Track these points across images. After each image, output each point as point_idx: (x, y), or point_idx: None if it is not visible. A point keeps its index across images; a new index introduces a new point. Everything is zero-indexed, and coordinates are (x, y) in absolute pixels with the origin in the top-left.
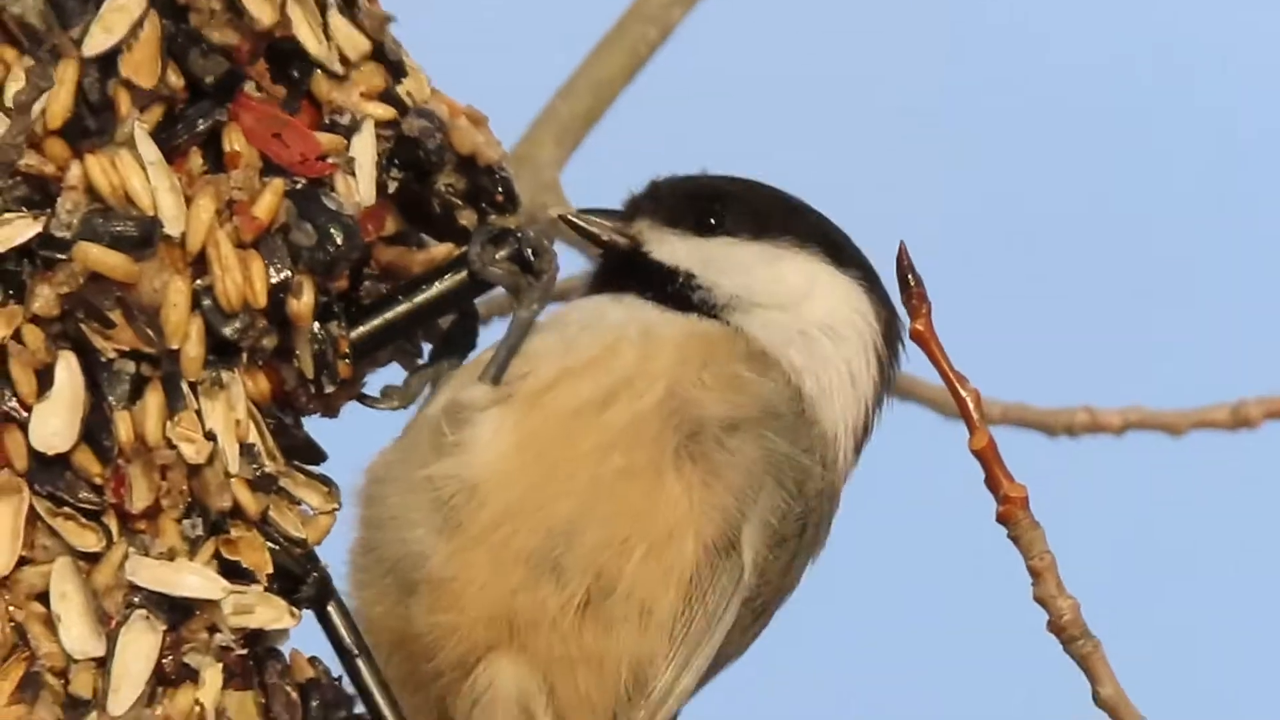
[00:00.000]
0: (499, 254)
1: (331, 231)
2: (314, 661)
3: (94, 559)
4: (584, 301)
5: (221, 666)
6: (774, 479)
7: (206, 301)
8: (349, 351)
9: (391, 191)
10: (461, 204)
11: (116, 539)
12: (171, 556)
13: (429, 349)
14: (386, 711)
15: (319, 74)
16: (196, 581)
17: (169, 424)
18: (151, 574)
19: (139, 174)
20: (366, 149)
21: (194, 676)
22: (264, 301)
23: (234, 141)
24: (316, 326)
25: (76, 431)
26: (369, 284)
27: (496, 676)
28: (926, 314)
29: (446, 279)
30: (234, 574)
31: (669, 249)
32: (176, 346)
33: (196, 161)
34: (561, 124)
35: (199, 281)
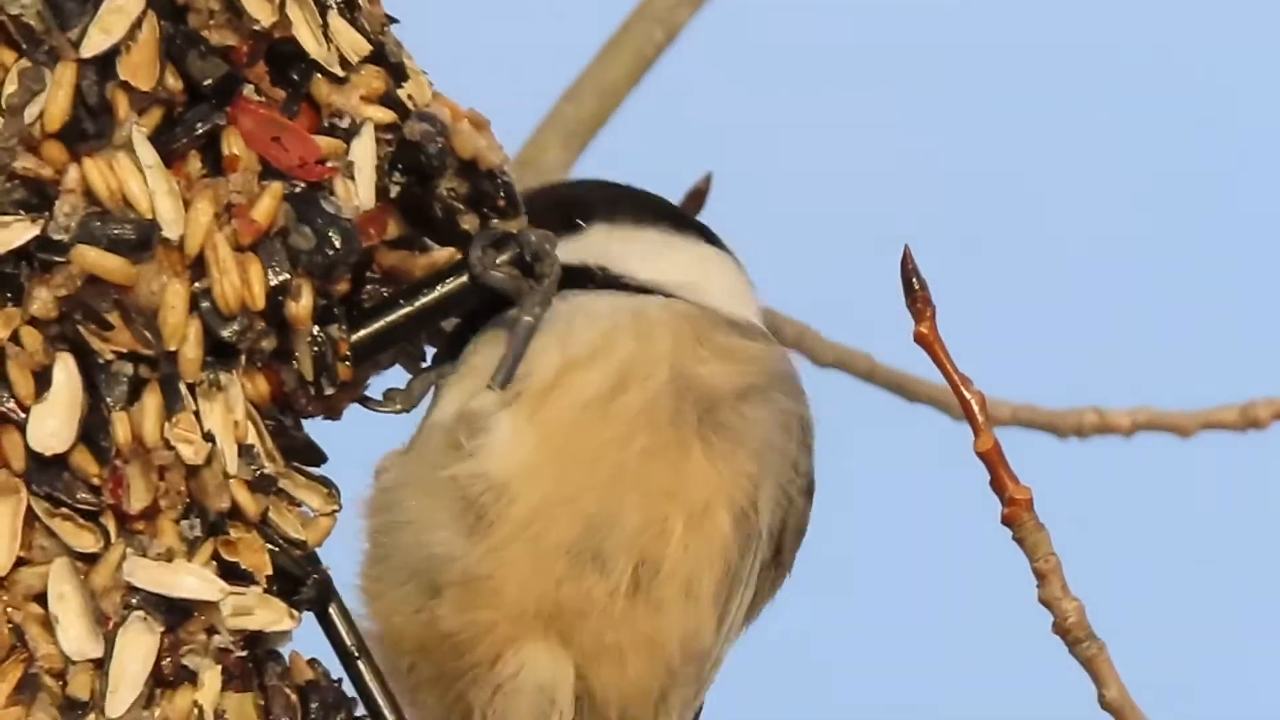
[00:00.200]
0: (500, 258)
1: (330, 235)
2: (314, 663)
3: (92, 560)
4: (558, 303)
5: (220, 668)
6: (787, 438)
7: (205, 304)
8: (349, 354)
9: (393, 196)
10: (463, 208)
11: (114, 540)
12: (170, 557)
13: (432, 352)
14: (387, 713)
15: (319, 77)
16: (194, 583)
17: (167, 425)
18: (149, 575)
19: (137, 177)
20: (366, 153)
21: (192, 678)
22: (262, 304)
23: (233, 145)
24: (316, 329)
25: (74, 432)
26: (371, 287)
27: (526, 663)
28: (931, 317)
29: (448, 283)
30: (233, 575)
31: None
32: (174, 348)
33: (195, 165)
34: (567, 127)
35: (197, 284)
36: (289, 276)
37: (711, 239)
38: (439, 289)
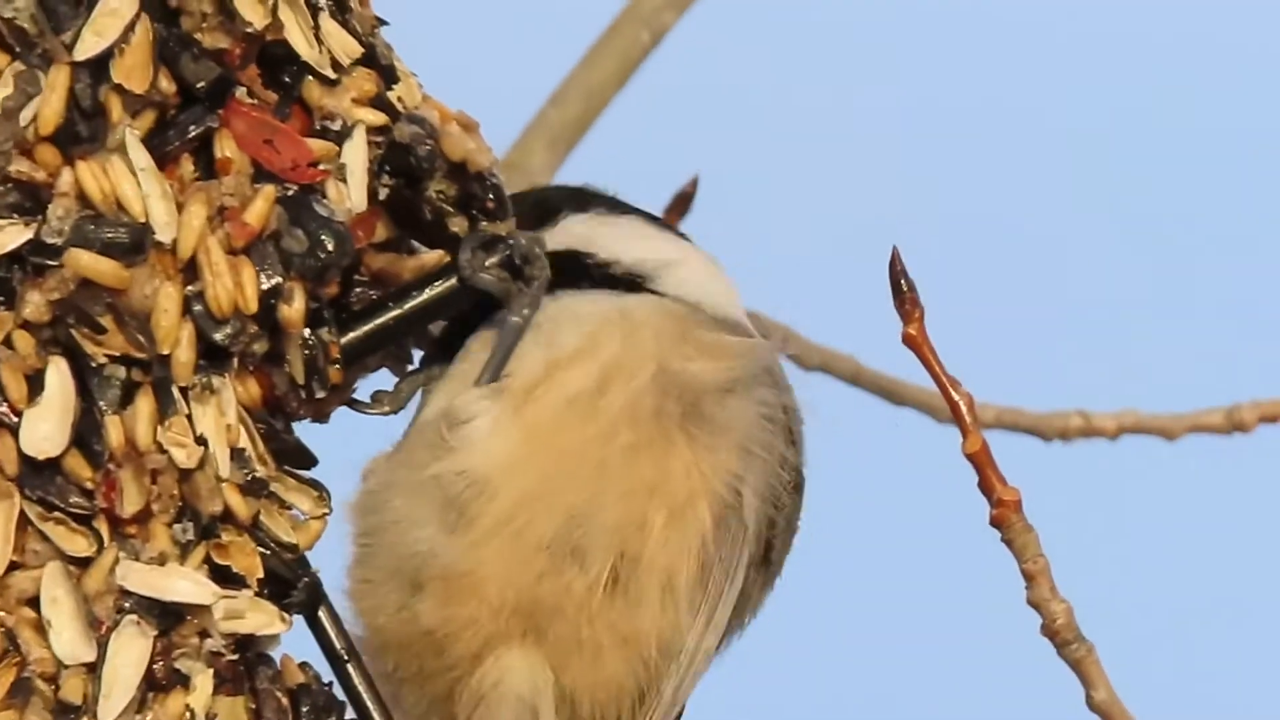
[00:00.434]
0: (489, 261)
1: (322, 238)
2: (305, 667)
3: (85, 564)
4: (547, 304)
5: (212, 672)
6: (773, 433)
7: (197, 307)
8: (339, 357)
9: (382, 198)
10: (452, 211)
11: (107, 544)
12: (162, 561)
13: (420, 355)
14: (377, 717)
15: (311, 79)
16: (187, 586)
17: (160, 429)
18: (142, 579)
19: (130, 180)
20: (358, 155)
21: (185, 682)
22: (255, 307)
23: (225, 148)
24: (307, 332)
25: (67, 436)
26: (360, 290)
27: (505, 673)
28: (919, 319)
29: (437, 285)
30: (225, 579)
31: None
32: (167, 352)
33: (188, 168)
34: (553, 130)
35: (190, 287)
36: (281, 280)
37: (687, 237)
38: (428, 291)
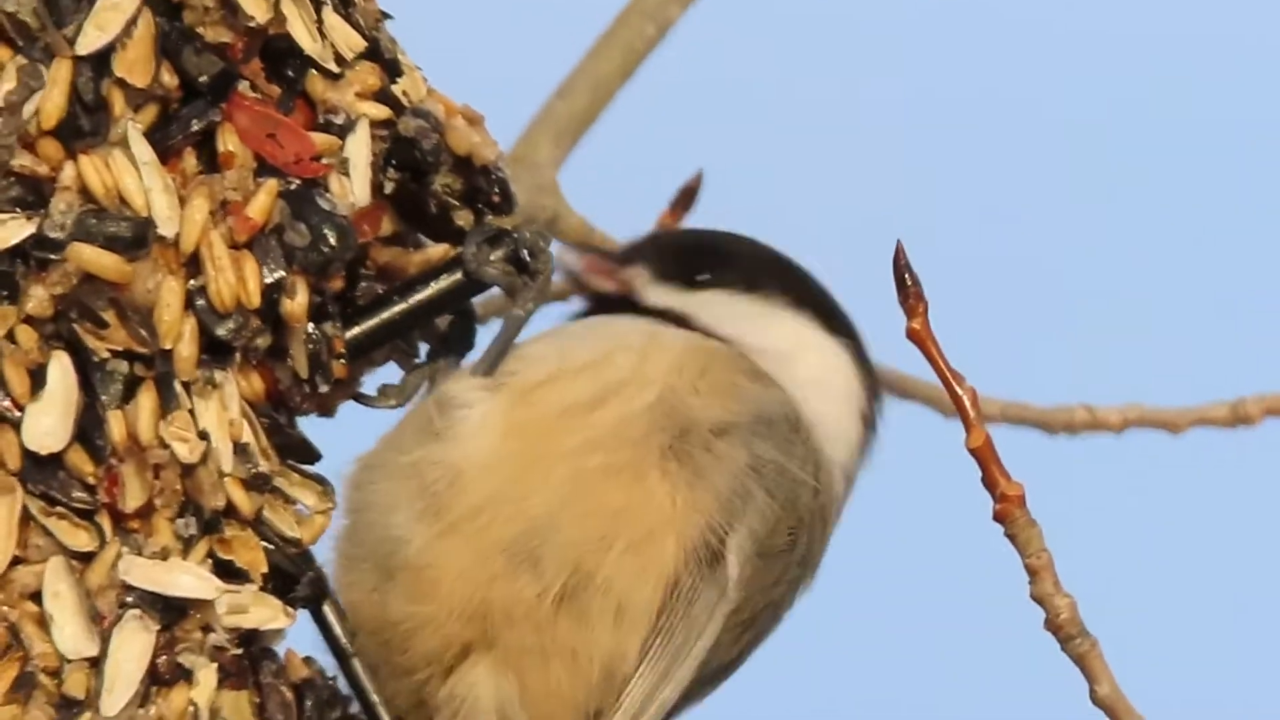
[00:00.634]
0: (495, 254)
1: (325, 232)
2: (309, 661)
3: (87, 558)
4: (587, 319)
5: (216, 666)
6: (763, 487)
7: (200, 302)
8: (344, 351)
9: (388, 192)
10: (458, 204)
11: (110, 538)
12: (165, 556)
13: (426, 349)
14: (381, 711)
15: (314, 73)
16: (190, 581)
17: (162, 423)
18: (145, 573)
19: (133, 174)
20: (361, 149)
21: (188, 676)
22: (258, 302)
23: (228, 142)
24: (311, 327)
25: (70, 431)
26: (365, 284)
27: (475, 686)
28: (923, 313)
29: (443, 279)
30: (228, 574)
31: (661, 296)
32: (170, 346)
33: (190, 162)
34: (559, 123)
35: (192, 282)
36: (284, 274)
37: (830, 320)
38: (433, 285)
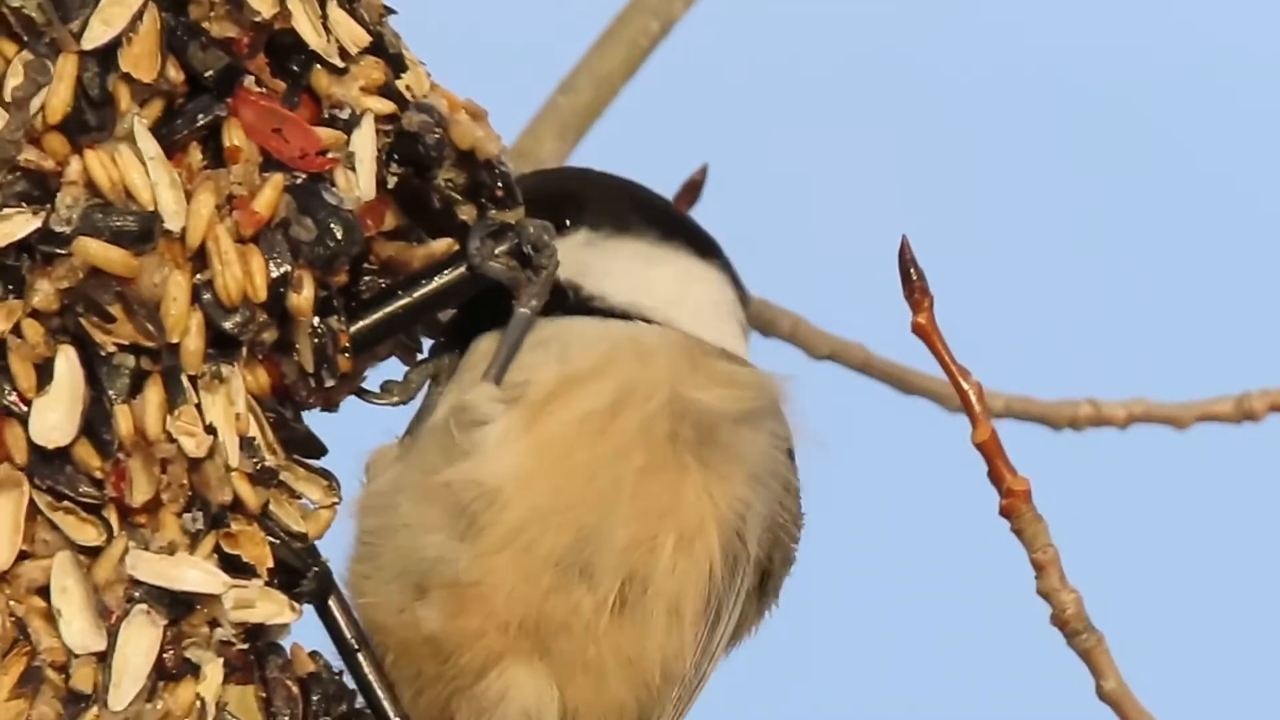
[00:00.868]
0: (498, 249)
1: (331, 226)
2: (315, 656)
3: (94, 553)
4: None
5: (222, 661)
6: (781, 465)
7: (206, 296)
8: (349, 345)
9: (391, 186)
10: (461, 199)
11: (117, 533)
12: (172, 551)
13: (429, 344)
14: (387, 706)
15: (319, 68)
16: (197, 576)
17: (169, 418)
18: (152, 568)
19: (139, 169)
20: (366, 144)
21: (195, 671)
22: (264, 296)
23: (234, 136)
24: (316, 321)
25: (76, 425)
26: (369, 279)
27: (510, 687)
28: (929, 307)
29: (446, 274)
30: (235, 568)
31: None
32: (177, 340)
33: (196, 156)
34: (562, 118)
35: (199, 276)
36: (290, 268)
37: (700, 245)
38: (437, 280)
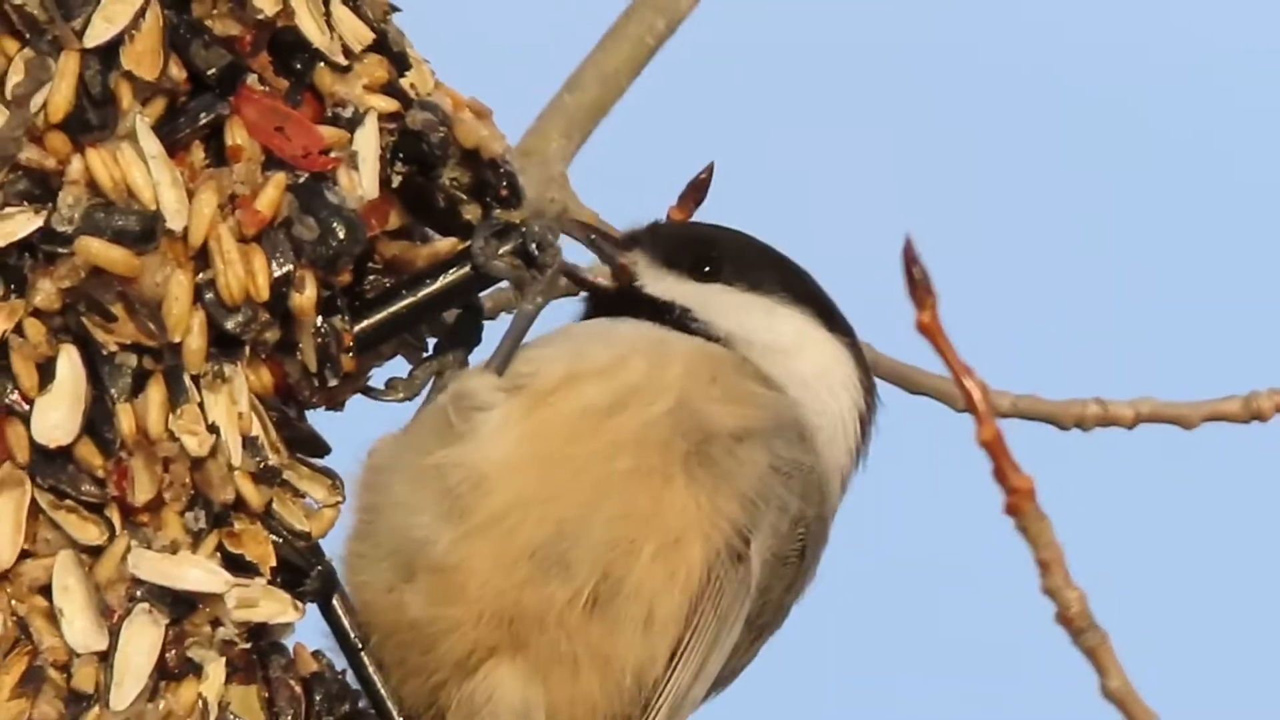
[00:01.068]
0: (503, 248)
1: (334, 226)
2: (318, 655)
3: (96, 552)
4: (588, 321)
5: (225, 661)
6: (783, 488)
7: (209, 295)
8: (352, 345)
9: (395, 185)
10: (466, 198)
11: (119, 532)
12: (174, 549)
13: (433, 342)
14: (390, 705)
15: (322, 66)
16: (199, 575)
17: (171, 417)
18: (154, 567)
19: (141, 168)
20: (370, 142)
21: (197, 671)
22: (266, 295)
23: (236, 135)
24: (319, 320)
25: (78, 424)
26: (373, 278)
27: (497, 689)
28: (933, 306)
29: (450, 273)
30: (237, 567)
31: (663, 286)
32: (179, 340)
33: (198, 155)
34: (568, 116)
35: (201, 275)
36: (293, 267)
37: (829, 318)
38: (441, 279)
